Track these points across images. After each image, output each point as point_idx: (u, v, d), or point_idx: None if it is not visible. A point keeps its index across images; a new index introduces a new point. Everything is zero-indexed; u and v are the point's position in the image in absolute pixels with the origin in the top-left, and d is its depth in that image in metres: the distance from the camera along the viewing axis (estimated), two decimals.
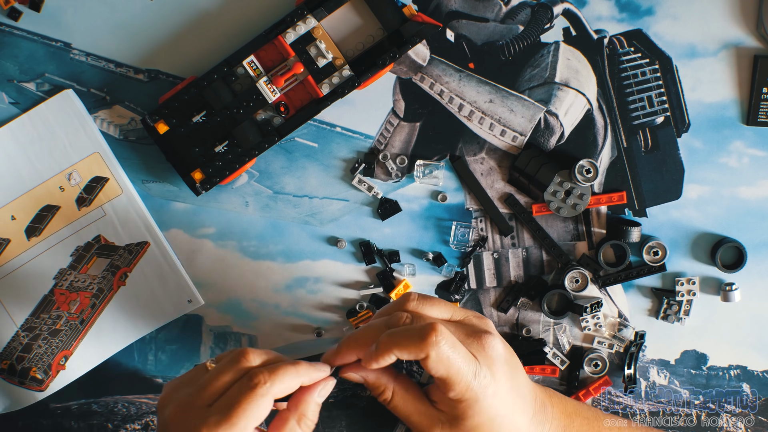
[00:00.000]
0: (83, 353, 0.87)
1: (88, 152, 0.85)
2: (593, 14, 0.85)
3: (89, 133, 0.85)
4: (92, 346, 0.87)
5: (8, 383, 0.86)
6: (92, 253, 0.87)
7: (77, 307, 0.87)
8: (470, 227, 0.88)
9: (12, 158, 0.85)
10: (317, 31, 0.81)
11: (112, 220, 0.86)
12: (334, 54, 0.81)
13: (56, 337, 0.86)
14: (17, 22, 0.85)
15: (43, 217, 0.85)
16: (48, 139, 0.85)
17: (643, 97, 0.86)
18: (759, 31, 0.84)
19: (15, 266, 0.86)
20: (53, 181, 0.85)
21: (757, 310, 0.89)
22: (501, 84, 0.86)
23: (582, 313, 0.86)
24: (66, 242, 0.86)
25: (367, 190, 0.87)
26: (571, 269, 0.87)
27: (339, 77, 0.81)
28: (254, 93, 0.82)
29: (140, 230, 0.86)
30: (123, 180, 0.86)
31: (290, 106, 0.83)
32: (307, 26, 0.79)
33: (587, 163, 0.85)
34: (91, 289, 0.87)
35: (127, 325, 0.87)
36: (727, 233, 0.87)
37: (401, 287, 0.87)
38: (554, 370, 0.88)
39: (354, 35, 0.82)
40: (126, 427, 0.91)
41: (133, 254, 0.87)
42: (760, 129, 0.86)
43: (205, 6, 0.85)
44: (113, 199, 0.86)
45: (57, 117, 0.85)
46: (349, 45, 0.82)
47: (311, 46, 0.81)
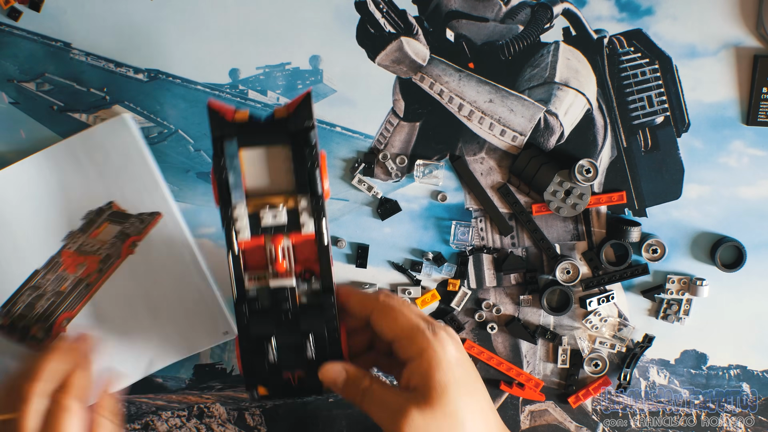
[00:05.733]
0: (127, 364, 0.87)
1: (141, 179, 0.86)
2: (593, 14, 0.85)
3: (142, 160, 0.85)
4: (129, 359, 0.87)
5: (8, 340, 0.86)
6: (103, 218, 0.86)
7: (84, 270, 0.86)
8: (470, 227, 0.88)
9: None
10: (252, 205, 0.72)
11: (126, 188, 0.86)
12: (281, 202, 0.72)
13: (60, 297, 0.86)
14: (17, 22, 0.85)
15: None
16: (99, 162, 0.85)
17: (643, 97, 0.86)
18: (759, 31, 0.84)
19: (24, 224, 0.85)
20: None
21: (757, 310, 0.89)
22: (501, 84, 0.86)
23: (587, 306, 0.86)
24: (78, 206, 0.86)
25: (366, 189, 0.87)
26: (562, 260, 0.87)
27: (305, 209, 0.72)
28: (278, 292, 0.74)
29: (152, 200, 0.86)
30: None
31: (311, 264, 0.75)
32: (242, 213, 0.71)
33: (587, 163, 0.85)
34: (99, 253, 0.87)
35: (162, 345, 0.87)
36: (726, 233, 0.88)
37: (429, 296, 0.88)
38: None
39: (275, 173, 0.73)
40: (126, 426, 0.90)
41: (145, 223, 0.86)
42: (760, 129, 0.86)
43: (204, 5, 0.85)
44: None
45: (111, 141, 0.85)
46: (281, 181, 0.73)
47: (262, 219, 0.72)
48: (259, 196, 0.72)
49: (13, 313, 0.86)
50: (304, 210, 0.70)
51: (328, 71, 0.86)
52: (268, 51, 0.85)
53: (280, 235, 0.71)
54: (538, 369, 0.90)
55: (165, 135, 0.87)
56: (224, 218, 0.71)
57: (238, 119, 0.70)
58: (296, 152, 0.70)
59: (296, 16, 0.85)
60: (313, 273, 0.73)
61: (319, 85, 0.86)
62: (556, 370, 0.90)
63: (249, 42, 0.85)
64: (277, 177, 0.71)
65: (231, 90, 0.86)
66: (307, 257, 0.74)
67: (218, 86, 0.86)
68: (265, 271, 0.73)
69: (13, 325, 0.86)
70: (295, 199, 0.70)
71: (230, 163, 0.70)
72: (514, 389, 0.89)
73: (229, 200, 0.70)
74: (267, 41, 0.85)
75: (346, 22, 0.85)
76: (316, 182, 0.70)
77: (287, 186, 0.71)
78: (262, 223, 0.71)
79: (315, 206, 0.70)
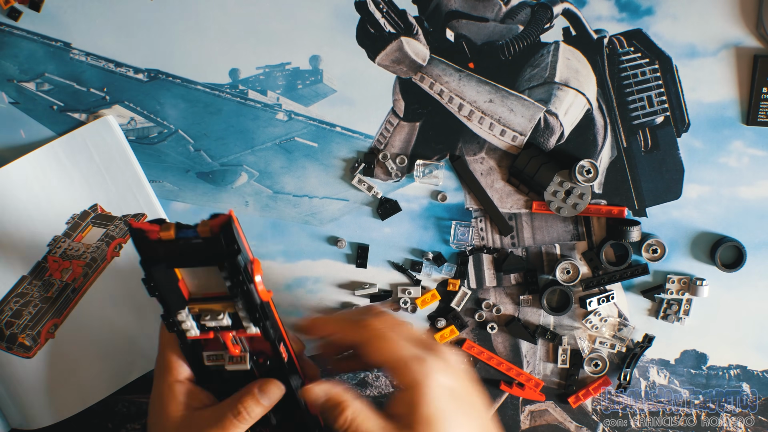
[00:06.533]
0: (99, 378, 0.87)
1: (125, 181, 0.85)
2: (593, 14, 0.85)
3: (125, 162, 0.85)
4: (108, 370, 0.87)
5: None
6: (88, 221, 0.86)
7: (69, 275, 0.86)
8: (470, 226, 0.88)
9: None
10: (194, 310, 0.71)
11: (110, 189, 0.86)
12: (221, 308, 0.71)
13: (47, 304, 0.86)
14: (17, 22, 0.85)
15: None
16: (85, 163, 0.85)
17: (643, 97, 0.86)
18: (759, 31, 0.84)
19: (9, 230, 0.85)
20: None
21: (757, 310, 0.89)
22: (501, 84, 0.86)
23: (587, 306, 0.86)
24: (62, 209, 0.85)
25: (366, 189, 0.87)
26: (563, 260, 0.87)
27: (245, 315, 0.70)
28: (236, 374, 0.73)
29: (137, 202, 0.86)
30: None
31: (266, 349, 0.73)
32: (186, 317, 0.70)
33: (587, 163, 0.85)
34: (84, 258, 0.86)
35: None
36: (726, 233, 0.87)
37: (429, 296, 0.88)
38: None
39: (210, 281, 0.71)
40: (126, 426, 0.91)
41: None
42: (760, 129, 0.86)
43: (204, 5, 0.85)
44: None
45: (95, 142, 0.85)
46: (218, 285, 0.70)
47: (205, 322, 0.71)
48: (200, 300, 0.71)
49: (0, 320, 0.85)
50: (244, 317, 0.69)
51: (328, 71, 0.86)
52: (268, 51, 0.85)
53: (228, 332, 0.71)
54: (538, 369, 0.90)
55: (165, 135, 0.87)
56: (169, 326, 0.70)
57: (164, 238, 0.67)
58: (227, 269, 0.68)
59: (296, 16, 0.85)
60: (268, 357, 0.73)
61: (319, 85, 0.86)
62: (556, 370, 0.90)
63: (249, 42, 0.85)
64: (214, 283, 0.70)
65: (231, 90, 0.86)
66: (261, 345, 0.72)
67: (218, 86, 0.86)
68: (223, 351, 0.72)
69: (1, 333, 0.86)
70: (234, 305, 0.70)
71: (160, 282, 0.68)
72: (514, 389, 0.90)
73: (170, 311, 0.70)
74: (267, 41, 0.85)
75: (346, 22, 0.85)
76: (252, 296, 0.68)
77: (225, 290, 0.69)
78: (206, 325, 0.70)
79: (254, 316, 0.69)
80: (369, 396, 0.90)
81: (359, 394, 0.73)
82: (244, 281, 0.68)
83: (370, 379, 0.90)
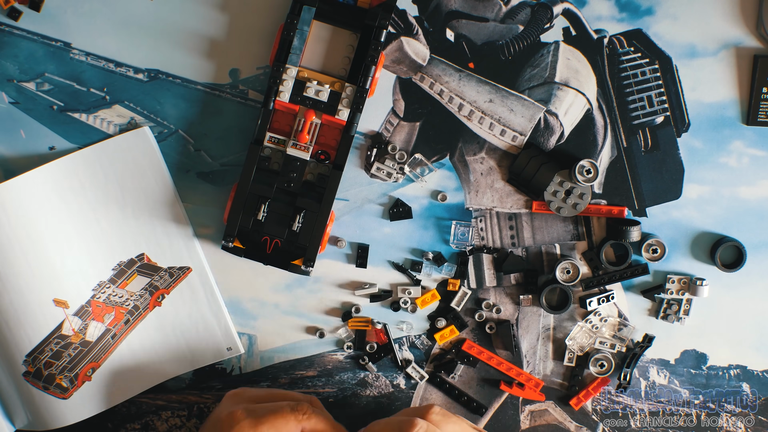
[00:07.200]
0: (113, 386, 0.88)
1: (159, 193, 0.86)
2: (593, 14, 0.85)
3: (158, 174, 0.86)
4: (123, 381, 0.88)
5: (32, 387, 0.86)
6: (133, 269, 0.87)
7: (111, 320, 0.87)
8: (470, 226, 0.88)
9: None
10: (302, 74, 0.80)
11: (159, 241, 0.87)
12: (329, 82, 0.80)
13: (87, 347, 0.86)
14: (17, 21, 0.85)
15: None
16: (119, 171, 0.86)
17: (643, 97, 0.86)
18: (759, 31, 0.84)
19: (58, 270, 0.85)
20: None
21: (757, 310, 0.89)
22: (501, 84, 0.86)
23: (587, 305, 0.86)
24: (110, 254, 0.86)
25: (386, 176, 0.86)
26: (563, 260, 0.87)
27: (347, 97, 0.80)
28: (291, 161, 0.82)
29: (183, 255, 0.87)
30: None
31: (327, 149, 0.82)
32: (290, 76, 0.78)
33: (587, 163, 0.85)
34: (127, 305, 0.87)
35: (159, 363, 0.88)
36: (726, 233, 0.88)
37: (429, 296, 0.88)
38: None
39: (334, 55, 0.81)
40: (126, 426, 0.91)
41: (174, 277, 0.87)
42: (760, 129, 0.86)
43: (205, 5, 0.85)
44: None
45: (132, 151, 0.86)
46: (335, 65, 0.82)
47: (306, 89, 0.80)
48: (310, 70, 0.78)
49: (39, 360, 0.86)
50: (345, 98, 0.77)
51: None
52: (268, 51, 0.85)
53: (315, 111, 0.77)
54: (538, 369, 0.90)
55: (165, 135, 0.87)
56: (273, 75, 0.77)
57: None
58: (362, 43, 0.77)
59: None
60: (328, 156, 0.79)
61: None
62: (556, 370, 0.90)
63: (249, 42, 0.85)
64: (334, 59, 0.78)
65: (231, 90, 0.86)
66: (328, 141, 0.80)
67: (218, 86, 0.86)
68: (287, 138, 0.78)
69: (39, 373, 0.86)
70: (341, 85, 0.77)
71: (301, 26, 0.76)
72: (514, 389, 0.90)
73: (284, 60, 0.77)
74: (267, 41, 0.85)
75: None
76: (367, 77, 0.77)
77: (339, 71, 0.78)
78: (305, 92, 0.77)
79: (356, 98, 0.77)
80: (369, 396, 0.90)
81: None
82: (373, 58, 0.77)
83: (370, 379, 0.90)
